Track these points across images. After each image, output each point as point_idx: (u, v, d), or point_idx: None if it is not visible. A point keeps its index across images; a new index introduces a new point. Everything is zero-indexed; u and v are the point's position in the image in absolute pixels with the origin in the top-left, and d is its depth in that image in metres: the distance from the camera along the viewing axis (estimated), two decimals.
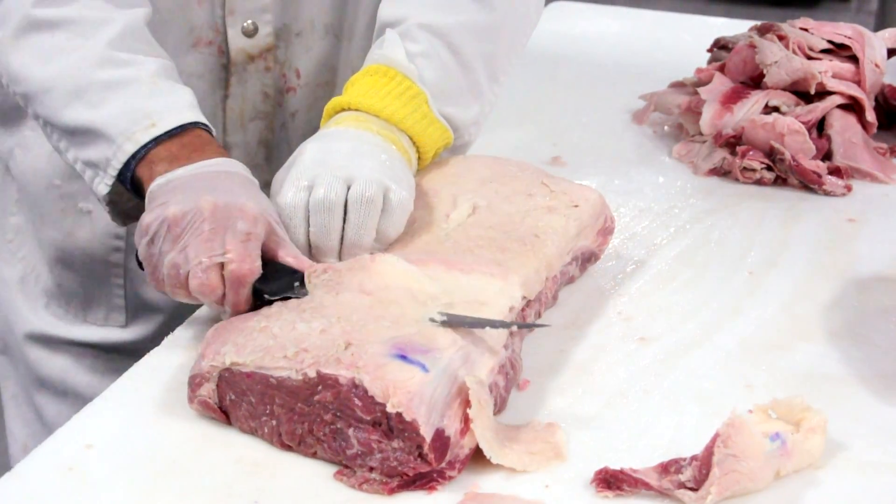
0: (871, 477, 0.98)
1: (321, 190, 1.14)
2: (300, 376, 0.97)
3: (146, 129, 1.16)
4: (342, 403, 0.96)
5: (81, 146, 1.19)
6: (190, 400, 1.03)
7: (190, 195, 1.09)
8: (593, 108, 1.82)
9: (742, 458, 0.93)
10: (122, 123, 1.16)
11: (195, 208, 1.08)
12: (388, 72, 1.26)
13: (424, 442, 0.93)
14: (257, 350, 1.01)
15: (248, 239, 1.08)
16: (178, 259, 1.07)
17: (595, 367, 1.13)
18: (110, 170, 1.17)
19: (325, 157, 1.17)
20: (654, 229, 1.42)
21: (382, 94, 1.25)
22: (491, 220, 1.20)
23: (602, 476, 0.95)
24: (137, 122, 1.16)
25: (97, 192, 1.20)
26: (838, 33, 1.70)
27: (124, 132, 1.16)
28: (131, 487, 0.94)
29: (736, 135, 1.59)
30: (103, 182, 1.18)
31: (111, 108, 1.17)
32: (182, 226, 1.08)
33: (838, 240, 1.42)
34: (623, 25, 2.28)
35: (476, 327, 1.03)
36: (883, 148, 1.64)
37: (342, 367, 0.96)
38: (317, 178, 1.15)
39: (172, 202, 1.09)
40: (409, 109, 1.25)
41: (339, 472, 0.97)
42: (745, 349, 1.17)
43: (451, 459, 0.96)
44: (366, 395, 0.95)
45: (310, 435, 0.98)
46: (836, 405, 1.06)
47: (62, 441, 1.00)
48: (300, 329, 1.02)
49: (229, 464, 0.98)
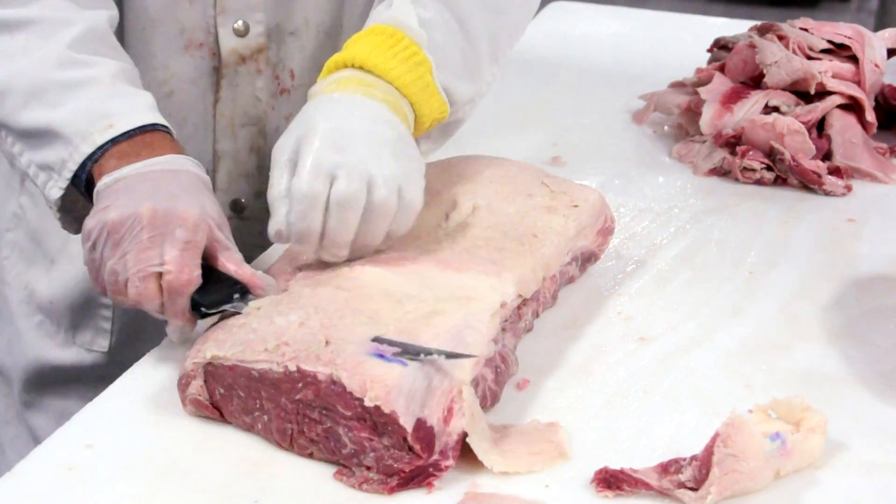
0: (871, 477, 0.98)
1: (343, 184, 1.09)
2: (281, 369, 0.98)
3: (103, 130, 1.13)
4: (324, 401, 0.96)
5: (36, 148, 1.16)
6: (183, 403, 1.04)
7: (131, 199, 1.08)
8: (593, 108, 1.82)
9: (742, 458, 0.93)
10: (79, 124, 1.14)
11: (134, 214, 1.06)
12: (395, 33, 1.21)
13: (406, 433, 0.94)
14: (237, 344, 1.02)
15: (186, 248, 1.06)
16: (117, 266, 1.07)
17: (595, 367, 1.13)
18: (65, 172, 1.14)
19: (342, 143, 1.12)
20: (654, 229, 1.42)
21: (388, 55, 1.20)
22: (490, 220, 1.20)
23: (602, 476, 0.95)
24: (94, 123, 1.14)
25: (49, 196, 1.17)
26: (838, 33, 1.70)
27: (81, 133, 1.13)
28: (131, 487, 0.95)
29: (736, 135, 1.59)
30: (56, 185, 1.15)
31: (69, 108, 1.14)
32: (121, 232, 1.06)
33: (838, 240, 1.42)
34: (623, 25, 2.28)
35: (409, 353, 0.99)
36: (883, 148, 1.64)
37: (321, 363, 0.97)
38: (338, 170, 1.10)
39: (114, 206, 1.07)
40: (413, 76, 1.21)
41: (339, 472, 0.97)
42: (744, 349, 1.17)
43: (441, 449, 0.96)
44: (344, 391, 0.95)
45: (302, 436, 0.98)
46: (836, 405, 1.06)
47: (62, 441, 1.00)
48: (278, 322, 1.03)
49: (229, 464, 0.98)
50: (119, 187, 1.10)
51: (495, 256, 1.14)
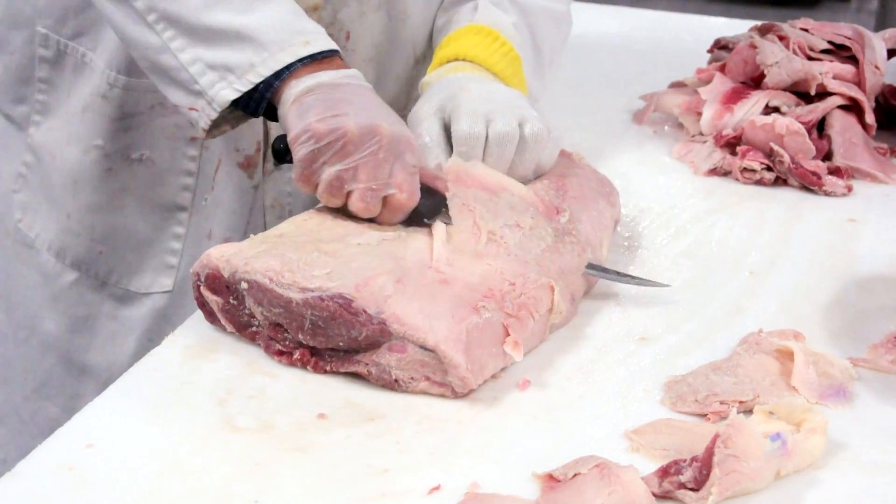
0: (871, 477, 0.98)
1: (499, 124, 1.24)
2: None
3: (301, 45, 1.18)
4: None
5: (212, 47, 1.18)
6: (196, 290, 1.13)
7: (362, 112, 1.15)
8: (593, 108, 1.82)
9: (742, 459, 0.93)
10: (276, 33, 1.18)
11: (372, 131, 1.14)
12: (490, 33, 1.34)
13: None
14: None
15: (413, 172, 1.17)
16: (345, 174, 1.15)
17: (595, 367, 1.13)
18: (250, 75, 1.17)
19: (491, 97, 1.26)
20: (654, 229, 1.42)
21: (490, 50, 1.33)
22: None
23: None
24: (293, 37, 1.18)
25: (218, 97, 1.19)
26: (838, 34, 1.70)
27: (278, 42, 1.17)
28: (131, 487, 0.94)
29: (736, 135, 1.59)
30: (233, 87, 1.18)
31: (261, 16, 1.18)
32: (356, 143, 1.14)
33: (838, 240, 1.42)
34: (623, 25, 2.28)
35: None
36: (883, 148, 1.64)
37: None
38: (493, 114, 1.24)
39: (351, 116, 1.14)
40: (511, 70, 1.35)
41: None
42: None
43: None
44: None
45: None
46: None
47: (62, 441, 1.00)
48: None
49: (229, 464, 0.98)
50: (334, 96, 1.16)
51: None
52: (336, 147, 1.14)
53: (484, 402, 1.07)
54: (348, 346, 1.07)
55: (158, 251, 1.46)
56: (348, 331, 1.06)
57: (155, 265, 1.46)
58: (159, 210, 1.44)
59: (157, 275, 1.46)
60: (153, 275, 1.46)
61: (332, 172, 1.15)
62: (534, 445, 1.01)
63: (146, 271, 1.46)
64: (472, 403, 1.06)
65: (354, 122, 1.14)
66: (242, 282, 1.10)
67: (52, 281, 1.48)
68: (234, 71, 1.18)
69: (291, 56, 1.18)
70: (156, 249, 1.46)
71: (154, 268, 1.46)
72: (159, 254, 1.46)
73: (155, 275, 1.46)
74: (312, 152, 1.15)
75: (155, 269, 1.46)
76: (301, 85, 1.17)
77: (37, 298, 1.50)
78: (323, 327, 1.06)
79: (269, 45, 1.17)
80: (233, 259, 1.11)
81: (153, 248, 1.46)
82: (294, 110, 1.16)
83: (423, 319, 1.05)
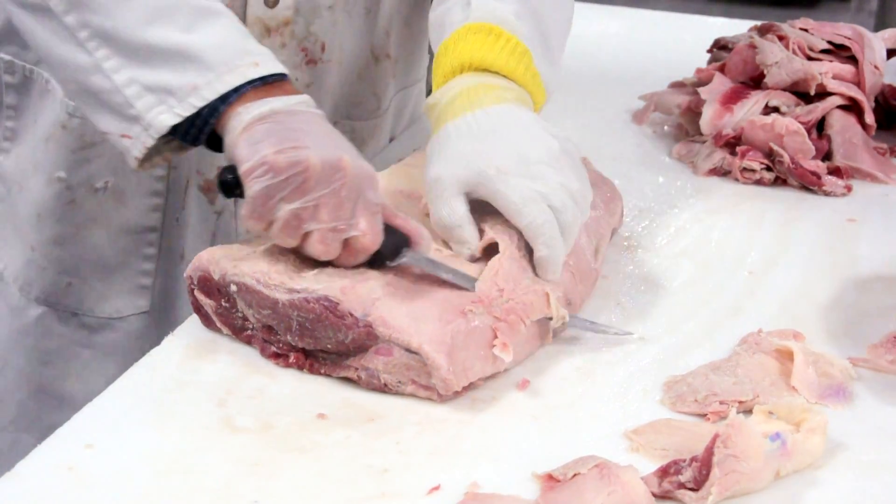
0: (871, 477, 0.98)
1: (569, 215, 1.13)
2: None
3: (251, 66, 1.09)
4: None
5: (151, 67, 1.08)
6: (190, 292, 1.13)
7: (323, 145, 1.06)
8: (593, 108, 1.82)
9: (742, 459, 0.93)
10: (223, 54, 1.08)
11: (335, 166, 1.05)
12: (492, 30, 1.21)
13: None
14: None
15: (377, 211, 1.08)
16: (304, 213, 1.05)
17: (595, 367, 1.13)
18: (193, 98, 1.08)
19: (531, 171, 1.14)
20: (654, 229, 1.42)
21: (496, 50, 1.21)
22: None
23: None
24: (240, 58, 1.09)
25: (156, 122, 1.09)
26: (838, 34, 1.70)
27: (225, 63, 1.08)
28: (131, 487, 0.94)
29: (736, 135, 1.59)
30: (173, 111, 1.08)
31: (206, 35, 1.09)
32: (318, 180, 1.05)
33: (838, 240, 1.42)
34: (623, 25, 2.28)
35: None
36: (883, 148, 1.64)
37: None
38: (562, 203, 1.13)
39: (311, 148, 1.05)
40: (522, 67, 1.22)
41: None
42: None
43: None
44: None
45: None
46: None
47: (62, 441, 1.00)
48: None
49: (229, 464, 0.98)
50: (289, 125, 1.07)
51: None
52: (296, 182, 1.04)
53: (484, 402, 1.07)
54: (337, 349, 1.07)
55: (130, 275, 1.41)
56: (335, 333, 1.05)
57: (128, 288, 1.41)
58: (127, 234, 1.39)
59: (132, 297, 1.42)
60: (127, 298, 1.42)
61: (289, 210, 1.05)
62: (534, 445, 1.01)
63: (119, 296, 1.41)
64: (472, 403, 1.06)
65: (317, 156, 1.04)
66: (232, 284, 1.09)
67: (19, 315, 1.43)
68: (174, 94, 1.08)
69: (240, 78, 1.08)
70: (127, 273, 1.41)
71: (127, 291, 1.41)
72: (131, 277, 1.41)
73: (129, 298, 1.42)
74: (268, 187, 1.04)
75: (129, 292, 1.41)
76: (252, 111, 1.07)
77: (5, 331, 1.45)
78: (310, 329, 1.06)
79: (216, 66, 1.08)
80: (222, 261, 1.11)
81: (124, 273, 1.41)
82: (245, 140, 1.06)
83: (409, 322, 1.05)
